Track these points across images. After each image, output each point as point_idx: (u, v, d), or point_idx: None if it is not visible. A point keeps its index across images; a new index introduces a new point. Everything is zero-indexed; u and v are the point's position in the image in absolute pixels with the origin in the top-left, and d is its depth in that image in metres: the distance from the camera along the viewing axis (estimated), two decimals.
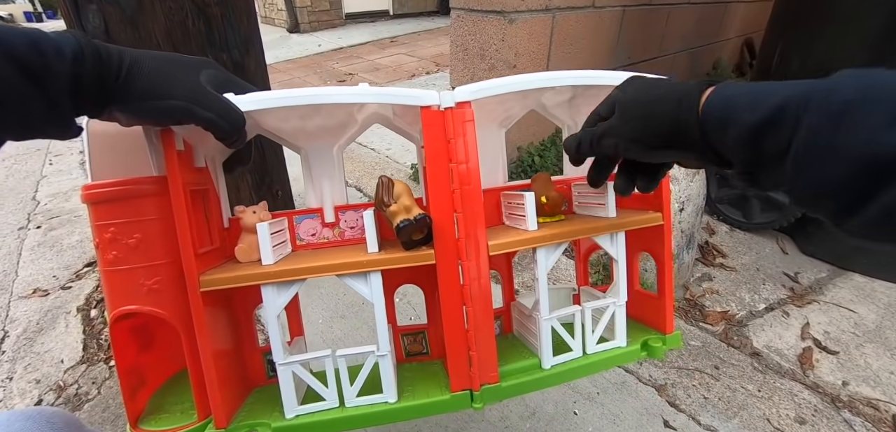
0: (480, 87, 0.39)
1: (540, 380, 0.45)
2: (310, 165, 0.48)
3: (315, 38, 5.31)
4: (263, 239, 0.39)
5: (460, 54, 1.43)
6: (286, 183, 1.23)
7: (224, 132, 0.34)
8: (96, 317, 1.15)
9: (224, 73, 0.37)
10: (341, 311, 1.11)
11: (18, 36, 0.25)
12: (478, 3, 1.30)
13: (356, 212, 0.50)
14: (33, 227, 1.63)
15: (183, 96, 0.31)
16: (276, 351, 0.40)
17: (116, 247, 0.36)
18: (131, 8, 0.74)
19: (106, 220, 0.36)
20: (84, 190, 0.36)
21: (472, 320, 0.41)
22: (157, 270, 0.37)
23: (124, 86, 0.30)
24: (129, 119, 0.32)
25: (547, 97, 0.51)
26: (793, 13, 1.24)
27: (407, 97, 0.39)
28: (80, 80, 0.28)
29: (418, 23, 6.23)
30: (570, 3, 1.45)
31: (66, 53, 0.27)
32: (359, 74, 3.70)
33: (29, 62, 0.25)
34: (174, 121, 0.33)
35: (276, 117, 0.43)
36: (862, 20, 1.08)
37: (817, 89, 0.23)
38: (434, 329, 0.52)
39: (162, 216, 0.37)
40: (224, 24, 0.84)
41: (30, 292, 1.27)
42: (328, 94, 0.37)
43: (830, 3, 1.13)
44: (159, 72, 0.31)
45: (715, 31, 2.90)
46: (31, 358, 1.04)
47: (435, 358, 0.52)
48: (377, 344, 0.41)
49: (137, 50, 0.31)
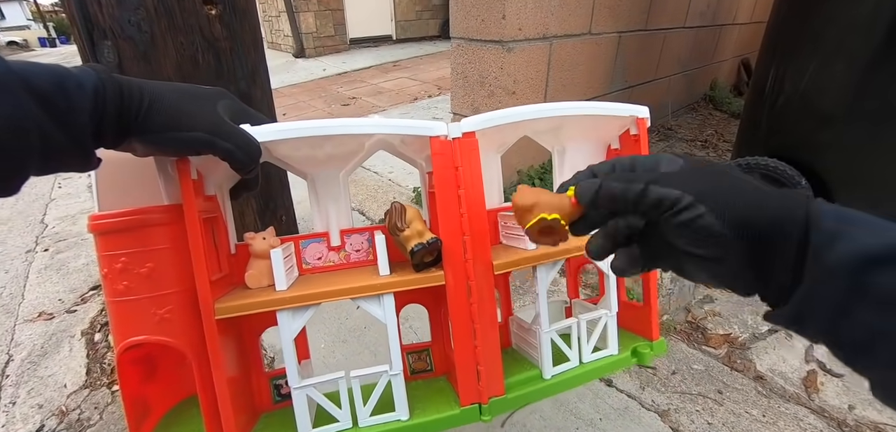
0: (485, 119, 0.42)
1: (542, 390, 0.47)
2: (317, 191, 0.50)
3: (320, 63, 5.43)
4: (277, 265, 0.40)
5: (461, 81, 1.47)
6: (290, 207, 1.25)
7: (242, 163, 0.35)
8: (100, 341, 1.16)
9: (238, 104, 0.38)
10: (343, 336, 1.11)
11: (42, 73, 0.26)
12: (477, 33, 1.35)
13: (361, 236, 0.51)
14: (41, 250, 1.65)
15: (204, 128, 0.32)
16: (292, 375, 0.40)
17: (127, 277, 0.36)
18: (144, 43, 0.78)
19: (116, 250, 0.36)
20: (92, 220, 0.36)
21: (479, 336, 0.43)
22: (168, 299, 0.37)
23: (145, 119, 0.30)
24: (149, 150, 0.33)
25: (537, 124, 0.53)
26: (784, 40, 1.28)
27: (417, 128, 0.41)
28: (101, 114, 0.28)
29: (420, 47, 6.37)
30: (566, 31, 1.49)
31: (88, 89, 0.27)
32: (362, 98, 3.77)
33: (52, 99, 0.26)
34: (194, 152, 0.33)
35: (288, 146, 0.44)
36: (849, 47, 1.10)
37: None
38: (438, 346, 0.53)
39: (172, 245, 0.37)
40: (232, 56, 0.88)
41: (35, 315, 1.29)
42: (341, 126, 0.39)
43: (819, 30, 1.16)
44: (180, 105, 0.32)
45: (711, 52, 2.95)
46: (34, 383, 1.04)
47: (439, 374, 0.53)
48: (390, 364, 0.42)
49: (156, 82, 0.32)
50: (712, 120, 2.85)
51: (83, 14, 0.76)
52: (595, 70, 1.74)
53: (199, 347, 0.38)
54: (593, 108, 0.46)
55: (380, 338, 1.09)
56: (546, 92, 1.53)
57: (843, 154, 1.18)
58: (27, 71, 0.25)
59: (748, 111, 1.47)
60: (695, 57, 2.70)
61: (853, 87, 1.11)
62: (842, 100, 1.14)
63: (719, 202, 0.23)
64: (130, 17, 0.76)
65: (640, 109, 0.47)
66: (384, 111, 3.32)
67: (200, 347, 0.38)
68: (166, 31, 0.79)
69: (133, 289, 0.36)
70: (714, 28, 2.79)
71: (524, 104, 0.42)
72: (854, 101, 1.12)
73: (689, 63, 2.67)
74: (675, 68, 2.50)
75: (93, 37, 0.77)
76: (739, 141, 1.51)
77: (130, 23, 0.77)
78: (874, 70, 1.07)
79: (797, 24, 1.23)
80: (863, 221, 0.21)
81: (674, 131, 2.54)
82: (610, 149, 0.53)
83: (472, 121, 0.41)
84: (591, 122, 0.50)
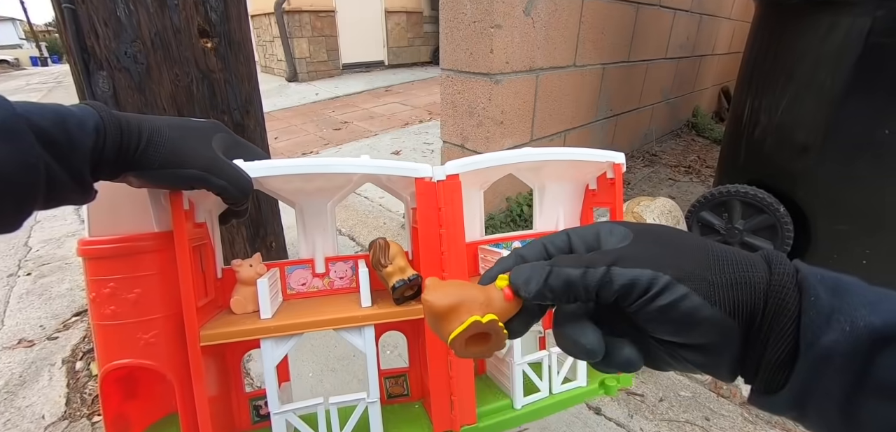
0: (469, 162, 0.45)
1: (512, 420, 0.49)
2: (304, 220, 0.51)
3: (313, 87, 5.50)
4: (263, 294, 0.41)
5: (450, 111, 1.51)
6: (280, 234, 1.25)
7: (234, 198, 0.36)
8: (81, 370, 1.13)
9: (232, 137, 0.39)
10: (332, 365, 1.10)
11: (45, 113, 0.27)
12: (466, 66, 1.39)
13: (345, 264, 0.52)
14: (23, 274, 1.62)
15: (199, 166, 0.33)
16: (272, 401, 0.41)
17: (115, 302, 0.37)
18: (140, 75, 0.79)
19: (105, 276, 0.37)
20: (82, 245, 0.37)
21: (454, 367, 0.44)
22: (154, 324, 0.38)
23: (143, 156, 0.31)
24: (144, 184, 0.34)
25: (519, 164, 0.55)
26: (759, 74, 1.34)
27: (404, 170, 0.43)
28: (101, 151, 0.29)
29: (412, 73, 6.49)
30: (552, 63, 1.55)
31: (89, 128, 0.28)
32: (354, 122, 3.81)
33: (56, 138, 0.27)
34: (188, 187, 0.34)
35: (279, 180, 0.45)
36: (819, 83, 1.16)
37: None
38: (415, 372, 0.54)
39: (160, 271, 0.38)
40: (226, 87, 0.90)
41: (15, 343, 1.25)
42: (330, 165, 0.41)
43: (790, 66, 1.23)
44: (176, 142, 0.33)
45: (692, 81, 3.07)
46: (11, 414, 1.01)
47: (415, 399, 0.54)
48: (368, 391, 0.44)
49: (154, 118, 0.33)
50: (695, 146, 2.93)
51: (80, 45, 0.77)
52: (580, 100, 1.80)
53: (182, 370, 0.39)
54: (572, 154, 0.49)
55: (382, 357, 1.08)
56: (533, 121, 1.57)
57: (820, 184, 1.22)
58: (31, 111, 0.26)
59: (727, 140, 1.53)
60: (677, 86, 2.81)
61: (824, 121, 1.17)
62: (815, 133, 1.19)
63: (703, 278, 0.20)
64: (127, 49, 0.78)
65: (616, 156, 0.50)
66: (375, 135, 3.36)
67: (183, 370, 0.39)
68: (162, 63, 0.81)
69: (120, 314, 0.37)
70: (694, 59, 2.90)
71: (512, 133, 0.45)
72: (826, 134, 1.17)
73: (672, 92, 2.77)
74: (657, 97, 2.59)
75: (89, 67, 0.79)
76: (720, 169, 1.57)
77: (126, 54, 0.78)
78: (843, 106, 1.13)
79: (770, 59, 1.30)
80: (858, 291, 0.18)
81: (658, 157, 2.61)
82: (588, 189, 0.56)
83: (456, 164, 0.43)
84: (570, 165, 0.53)
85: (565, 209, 0.57)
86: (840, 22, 1.11)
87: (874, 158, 1.12)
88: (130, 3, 0.76)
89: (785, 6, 1.24)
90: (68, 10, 0.76)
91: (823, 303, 0.18)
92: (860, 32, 1.07)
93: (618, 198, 0.51)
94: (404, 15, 7.03)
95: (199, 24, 0.83)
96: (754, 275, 0.20)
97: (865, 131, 1.11)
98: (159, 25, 0.79)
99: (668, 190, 2.18)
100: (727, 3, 3.07)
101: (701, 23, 2.74)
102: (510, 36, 1.33)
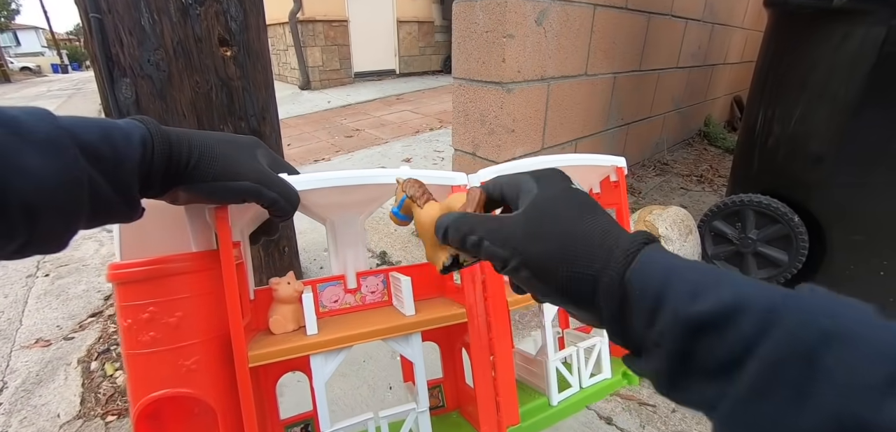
0: (497, 170, 0.46)
1: (551, 416, 0.49)
2: (336, 236, 0.51)
3: (325, 95, 5.58)
4: (309, 309, 0.40)
5: (462, 119, 1.52)
6: (292, 237, 1.27)
7: (284, 212, 0.35)
8: (96, 370, 1.16)
9: (271, 153, 0.38)
10: (342, 370, 1.11)
11: (89, 127, 0.26)
12: (478, 75, 1.41)
13: (376, 278, 0.52)
14: (42, 275, 1.66)
15: (252, 178, 0.33)
16: (323, 420, 0.40)
17: (155, 328, 0.35)
18: (162, 82, 0.82)
19: (142, 300, 0.34)
20: (113, 269, 0.35)
21: (498, 369, 0.45)
22: (194, 349, 0.36)
23: (195, 169, 0.30)
24: (194, 199, 0.32)
25: None
26: (771, 83, 1.33)
27: (441, 178, 0.44)
28: (148, 166, 0.28)
29: (423, 81, 6.55)
30: (563, 72, 1.56)
31: (135, 140, 0.27)
32: (365, 130, 3.86)
33: (101, 153, 0.26)
34: (240, 200, 0.33)
35: (318, 194, 0.44)
36: (832, 92, 1.15)
37: (790, 307, 0.18)
38: (450, 382, 0.54)
39: (199, 293, 0.36)
40: (244, 95, 0.92)
41: (32, 342, 1.28)
42: (373, 176, 0.41)
43: (803, 75, 1.22)
44: (228, 155, 0.32)
45: (704, 90, 3.05)
46: (27, 412, 1.03)
47: (450, 410, 0.54)
48: (417, 401, 0.44)
49: (200, 133, 0.32)
50: (707, 155, 2.91)
51: (105, 53, 0.80)
52: (591, 109, 1.80)
53: (224, 397, 0.37)
54: (581, 160, 0.53)
55: (378, 372, 1.09)
56: (544, 130, 1.58)
57: (834, 194, 1.21)
58: (75, 125, 0.25)
59: (740, 150, 1.51)
60: (688, 95, 2.79)
61: (839, 131, 1.15)
62: (829, 142, 1.18)
63: (542, 267, 0.24)
64: (150, 57, 0.81)
65: (618, 160, 0.55)
66: (386, 143, 3.39)
67: (225, 397, 0.37)
68: (183, 71, 0.83)
69: (160, 340, 0.35)
70: (706, 68, 2.89)
71: (523, 141, 0.46)
72: (841, 144, 1.16)
73: (683, 101, 2.75)
74: (669, 106, 2.57)
75: (113, 74, 0.81)
76: (733, 179, 1.55)
77: (150, 62, 0.81)
78: (857, 115, 1.11)
79: (783, 69, 1.29)
80: (684, 280, 0.20)
81: (669, 166, 2.59)
82: (591, 192, 0.59)
83: (488, 171, 0.45)
84: (578, 171, 0.55)
85: None
86: (854, 31, 1.10)
87: (890, 168, 1.10)
88: (155, 13, 0.78)
89: (798, 15, 1.23)
90: (95, 19, 0.79)
91: (649, 298, 0.21)
92: (875, 42, 1.06)
93: (622, 198, 0.56)
94: (416, 24, 7.12)
95: (219, 34, 0.85)
96: (591, 270, 0.23)
97: (881, 141, 1.10)
98: (182, 34, 0.81)
99: (680, 199, 2.16)
100: (739, 12, 3.05)
101: (713, 32, 2.73)
102: (522, 45, 1.34)
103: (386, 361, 1.12)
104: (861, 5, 1.07)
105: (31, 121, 0.23)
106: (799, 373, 0.16)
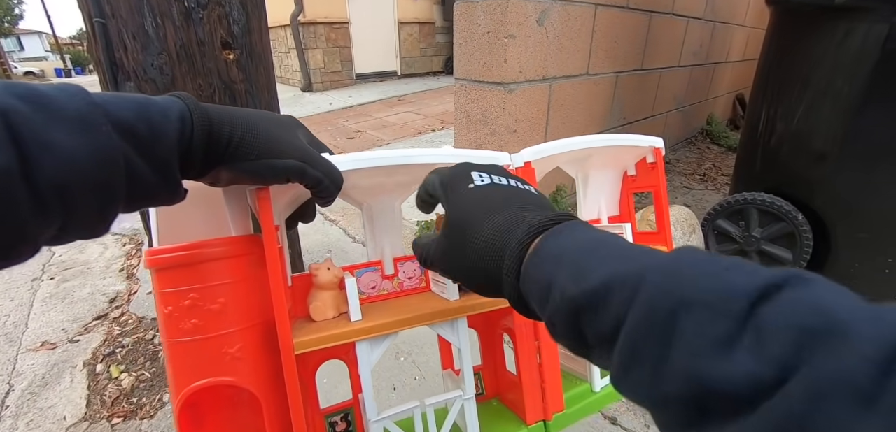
0: (542, 149, 0.45)
1: (594, 403, 0.49)
2: (372, 221, 0.49)
3: (327, 97, 5.59)
4: (352, 295, 0.39)
5: (464, 119, 1.52)
6: (296, 240, 1.27)
7: (328, 193, 0.34)
8: (101, 373, 1.16)
9: (310, 133, 0.36)
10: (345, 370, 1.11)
11: (124, 103, 0.24)
12: (480, 75, 1.41)
13: (414, 263, 0.51)
14: (47, 278, 1.67)
15: (296, 156, 0.31)
16: (370, 408, 0.39)
17: (197, 314, 0.33)
18: (165, 85, 0.82)
19: (183, 286, 0.33)
20: (150, 255, 0.33)
21: (543, 355, 0.44)
22: (237, 337, 0.35)
23: (239, 147, 0.29)
24: (237, 178, 0.31)
25: (566, 155, 0.56)
26: (774, 81, 1.33)
27: (485, 158, 0.43)
28: (188, 144, 0.27)
29: (424, 82, 6.56)
30: (565, 72, 1.56)
31: (173, 116, 0.26)
32: (367, 131, 3.86)
33: (136, 129, 0.24)
34: (284, 179, 0.32)
35: (361, 175, 0.42)
36: (836, 89, 1.15)
37: (650, 282, 0.19)
38: (489, 369, 0.53)
39: (241, 279, 0.35)
40: (247, 98, 0.92)
41: (38, 345, 1.29)
42: (419, 156, 0.40)
43: (806, 73, 1.21)
44: (271, 132, 0.31)
45: (706, 88, 3.04)
46: (33, 414, 1.04)
47: (490, 397, 0.53)
48: (463, 388, 0.43)
49: (239, 110, 0.31)
50: (710, 154, 2.90)
51: (109, 58, 0.81)
52: (593, 108, 1.80)
53: (268, 387, 0.36)
54: (617, 140, 0.52)
55: (382, 373, 1.09)
56: (546, 130, 1.58)
57: (838, 192, 1.20)
58: (109, 101, 0.24)
59: (743, 148, 1.51)
60: (690, 94, 2.78)
61: (842, 128, 1.15)
62: (832, 140, 1.18)
63: (464, 279, 0.28)
64: (153, 61, 0.81)
65: (655, 141, 0.54)
66: (389, 144, 3.40)
67: (268, 386, 0.36)
68: (186, 74, 0.84)
69: (203, 327, 0.34)
70: (708, 66, 2.88)
71: (525, 141, 0.46)
72: (844, 141, 1.15)
73: (685, 100, 2.75)
74: (671, 105, 2.57)
75: (116, 78, 0.82)
76: (736, 177, 1.55)
77: (153, 66, 0.82)
78: (861, 113, 1.11)
79: (786, 66, 1.28)
80: (568, 263, 0.22)
81: (672, 165, 2.58)
82: (626, 174, 0.58)
83: (530, 151, 0.45)
84: (612, 152, 0.54)
85: (606, 196, 0.58)
86: (856, 28, 1.10)
87: (894, 165, 1.10)
88: (158, 18, 0.79)
89: (801, 13, 1.23)
90: (99, 24, 0.79)
91: (543, 282, 0.22)
92: (877, 39, 1.06)
93: (661, 180, 0.55)
94: (417, 25, 7.13)
95: (222, 37, 0.86)
96: (496, 273, 0.25)
97: (884, 138, 1.09)
98: (185, 38, 0.82)
99: (683, 198, 2.15)
100: (741, 10, 3.05)
101: (714, 30, 2.73)
102: (524, 45, 1.34)
103: (389, 362, 1.12)
104: (863, 3, 1.07)
105: (62, 97, 0.22)
106: (658, 341, 0.17)
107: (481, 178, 0.30)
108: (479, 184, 0.29)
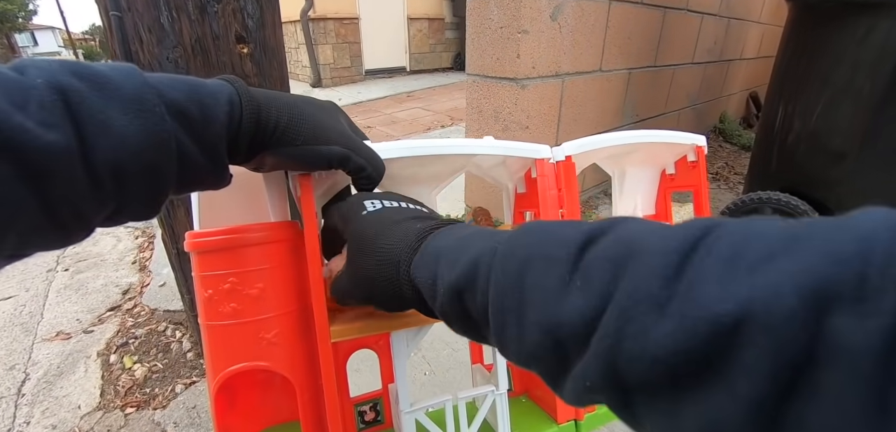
0: (582, 143, 0.44)
1: None
2: None
3: (336, 93, 5.60)
4: None
5: (475, 115, 1.51)
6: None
7: (371, 180, 0.34)
8: (115, 363, 1.18)
9: (351, 121, 0.36)
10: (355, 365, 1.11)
11: (177, 85, 0.24)
12: (492, 71, 1.40)
13: None
14: (61, 270, 1.70)
15: (341, 143, 0.31)
16: (404, 400, 0.39)
17: (236, 299, 0.33)
18: None
19: (224, 270, 0.33)
20: (191, 238, 0.34)
21: None
22: (274, 322, 0.35)
23: (286, 132, 0.29)
24: (282, 164, 0.31)
25: (604, 151, 0.55)
26: (792, 79, 1.30)
27: (525, 150, 0.43)
28: (236, 128, 0.27)
29: (433, 78, 6.54)
30: (577, 69, 1.54)
31: (222, 99, 0.26)
32: (376, 127, 3.87)
33: (187, 111, 0.24)
34: (327, 166, 0.31)
35: (399, 165, 0.42)
36: (856, 87, 1.12)
37: (500, 251, 0.21)
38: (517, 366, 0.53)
39: (279, 264, 0.35)
40: None
41: (53, 335, 1.31)
42: (458, 146, 0.40)
43: (826, 71, 1.19)
44: (316, 118, 0.30)
45: (719, 86, 2.99)
46: (49, 403, 1.06)
47: (519, 393, 0.53)
48: (496, 383, 0.42)
49: (283, 95, 0.30)
50: (723, 152, 2.86)
51: (125, 51, 0.81)
52: (606, 105, 1.78)
53: (302, 372, 0.36)
54: (659, 136, 0.50)
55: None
56: (558, 126, 1.56)
57: (857, 192, 1.18)
58: (162, 83, 0.24)
59: (758, 147, 1.48)
60: (704, 91, 2.74)
61: (862, 127, 1.12)
62: (851, 139, 1.15)
63: (357, 292, 0.29)
64: (169, 54, 0.82)
65: (698, 138, 0.51)
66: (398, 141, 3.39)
67: (302, 372, 0.36)
68: (201, 68, 0.84)
69: (241, 312, 0.34)
70: (722, 63, 2.83)
71: (537, 138, 0.44)
72: (864, 141, 1.13)
73: (699, 97, 2.71)
74: (684, 102, 2.53)
75: None
76: (750, 175, 1.52)
77: (168, 60, 0.82)
78: (882, 111, 1.08)
79: (804, 64, 1.26)
80: (447, 253, 0.23)
81: None
82: (664, 173, 0.56)
83: (571, 145, 0.44)
84: (652, 149, 0.52)
85: (642, 195, 0.56)
86: (879, 24, 1.07)
87: None
88: (174, 11, 0.79)
89: (820, 9, 1.20)
90: (115, 17, 0.79)
91: (429, 278, 0.23)
92: None
93: (702, 179, 0.51)
94: (426, 21, 7.11)
95: (236, 31, 0.86)
96: (392, 288, 0.26)
97: None
98: (200, 32, 0.82)
99: None
100: (756, 7, 2.99)
101: (729, 27, 2.68)
102: (537, 41, 1.33)
103: None
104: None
105: (119, 77, 0.22)
106: (515, 299, 0.19)
107: (374, 205, 0.30)
108: (372, 209, 0.30)
